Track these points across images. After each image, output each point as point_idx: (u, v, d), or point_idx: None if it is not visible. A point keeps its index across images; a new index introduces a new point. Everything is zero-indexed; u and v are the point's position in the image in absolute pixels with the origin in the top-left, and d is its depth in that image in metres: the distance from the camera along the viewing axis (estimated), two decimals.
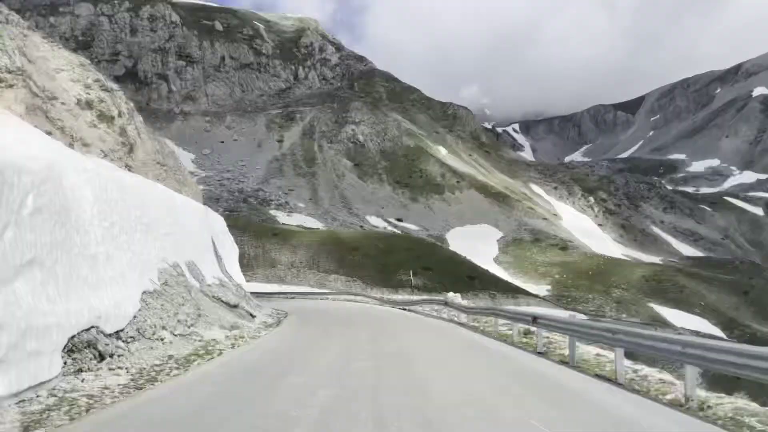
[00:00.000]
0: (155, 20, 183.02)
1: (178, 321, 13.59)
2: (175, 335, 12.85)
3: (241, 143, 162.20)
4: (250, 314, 21.37)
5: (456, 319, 26.60)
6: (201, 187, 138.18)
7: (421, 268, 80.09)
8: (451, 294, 32.25)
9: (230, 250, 30.16)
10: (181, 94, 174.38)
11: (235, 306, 20.20)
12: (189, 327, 14.03)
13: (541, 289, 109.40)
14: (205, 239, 22.13)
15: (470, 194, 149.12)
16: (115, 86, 19.94)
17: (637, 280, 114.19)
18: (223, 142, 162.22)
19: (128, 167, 17.40)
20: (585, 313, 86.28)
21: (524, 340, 16.03)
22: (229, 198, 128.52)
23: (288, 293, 59.02)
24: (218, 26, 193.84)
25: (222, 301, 19.27)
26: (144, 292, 12.71)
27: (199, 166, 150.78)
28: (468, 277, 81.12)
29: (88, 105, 16.49)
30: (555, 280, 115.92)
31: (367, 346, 14.44)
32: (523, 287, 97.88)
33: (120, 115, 18.55)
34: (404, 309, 36.62)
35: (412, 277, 58.18)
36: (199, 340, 13.58)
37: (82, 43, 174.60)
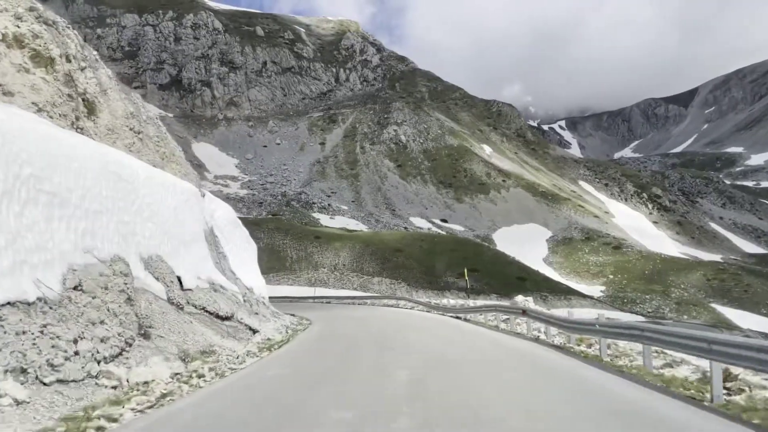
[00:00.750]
0: (198, 28, 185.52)
1: (77, 353, 8.19)
2: (47, 383, 7.47)
3: (283, 147, 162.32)
4: (250, 328, 16.97)
5: (541, 336, 18.44)
6: (244, 191, 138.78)
7: (467, 269, 77.04)
8: (520, 297, 25.72)
9: (242, 247, 24.66)
10: (224, 100, 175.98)
11: (227, 318, 15.81)
12: (104, 361, 8.77)
13: (595, 289, 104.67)
14: (191, 229, 16.93)
15: (517, 193, 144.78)
16: (61, 19, 15.33)
17: (698, 279, 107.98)
18: (265, 146, 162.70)
19: (80, 130, 13.38)
20: (643, 315, 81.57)
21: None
22: (273, 202, 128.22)
23: (324, 298, 56.20)
24: (260, 32, 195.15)
25: (207, 311, 14.83)
26: (7, 304, 7.59)
27: (242, 170, 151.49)
28: (518, 279, 77.64)
29: (17, 42, 12.46)
30: (609, 280, 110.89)
31: (406, 405, 7.70)
32: (576, 288, 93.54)
33: (68, 59, 13.89)
34: (459, 317, 29.28)
35: (467, 278, 51.02)
36: (102, 389, 8.20)
37: (128, 53, 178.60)
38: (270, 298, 54.19)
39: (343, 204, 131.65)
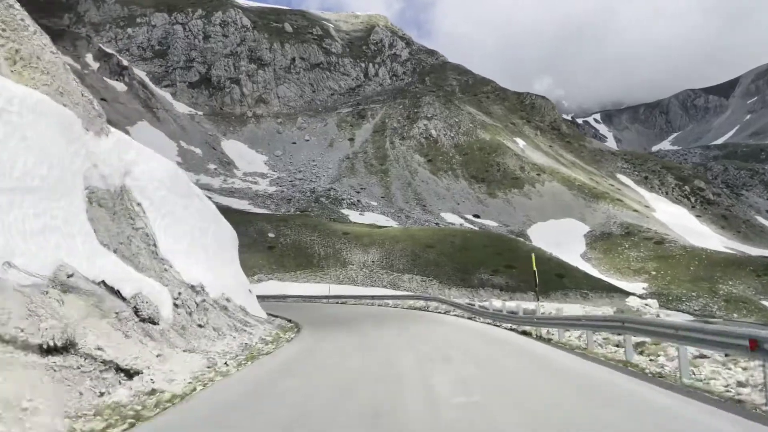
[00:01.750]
0: (227, 25, 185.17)
1: None
2: None
3: (312, 143, 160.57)
4: (119, 368, 8.61)
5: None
6: (273, 188, 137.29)
7: (503, 266, 73.56)
8: (635, 300, 19.15)
9: (194, 226, 16.93)
10: (252, 97, 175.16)
11: (58, 350, 7.79)
12: None
13: (636, 286, 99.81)
14: (38, 173, 9.78)
15: (552, 187, 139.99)
16: None
17: (747, 275, 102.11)
18: (294, 143, 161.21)
19: None
20: (690, 314, 76.81)
21: None
22: (301, 198, 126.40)
23: (340, 298, 48.65)
24: (288, 28, 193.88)
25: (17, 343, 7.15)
26: None
27: (271, 167, 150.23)
28: (556, 276, 73.78)
29: None
30: (651, 277, 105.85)
31: None
32: (617, 285, 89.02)
33: None
34: (525, 332, 19.42)
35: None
36: None
37: (158, 52, 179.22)
38: (278, 298, 50.50)
39: (372, 200, 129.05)
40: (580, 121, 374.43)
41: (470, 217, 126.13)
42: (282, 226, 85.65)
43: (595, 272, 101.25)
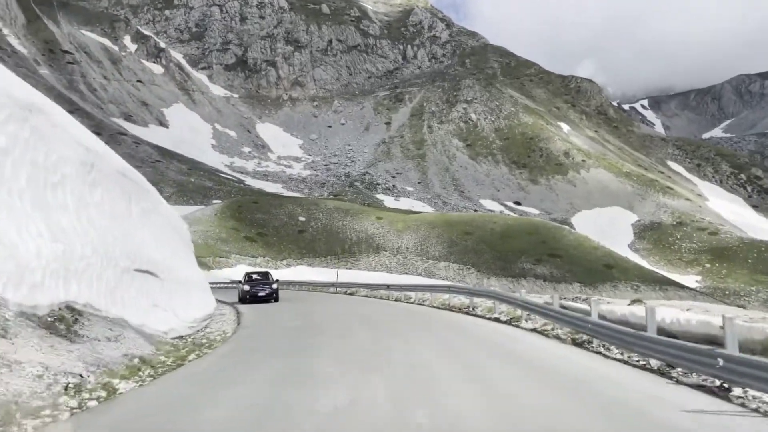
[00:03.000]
0: (264, 7, 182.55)
1: None
2: None
3: (348, 127, 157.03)
4: None
5: None
6: (307, 172, 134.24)
7: (546, 254, 68.57)
8: None
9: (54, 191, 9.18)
10: (289, 80, 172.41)
11: None
12: None
13: (689, 279, 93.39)
14: None
15: (598, 174, 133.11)
16: None
17: None
18: (330, 126, 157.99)
19: None
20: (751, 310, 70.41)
21: None
22: (336, 182, 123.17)
23: (352, 286, 35.61)
24: (325, 9, 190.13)
25: None
26: None
27: (306, 151, 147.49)
28: (604, 266, 68.41)
29: None
30: (705, 269, 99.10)
31: None
32: (668, 277, 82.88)
33: None
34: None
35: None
36: None
37: (195, 35, 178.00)
38: (292, 282, 44.43)
39: (408, 185, 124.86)
40: (626, 107, 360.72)
41: (510, 204, 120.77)
42: (313, 210, 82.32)
43: (644, 264, 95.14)
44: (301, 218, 79.59)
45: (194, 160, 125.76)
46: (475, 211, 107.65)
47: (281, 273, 63.86)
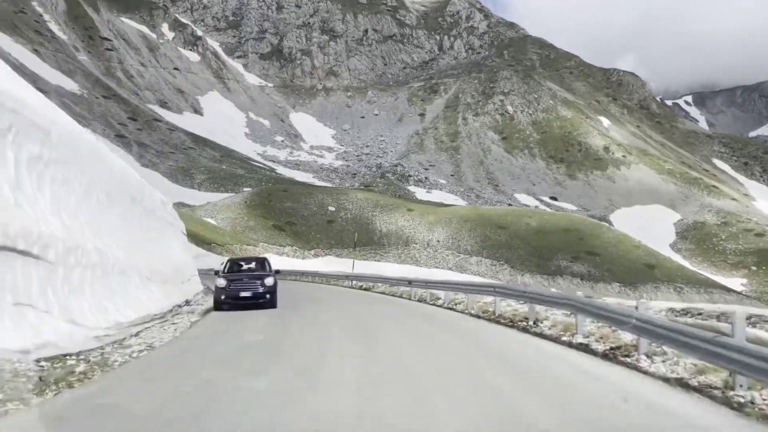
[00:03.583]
0: None
1: None
2: None
3: (381, 118, 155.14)
4: None
5: None
6: (339, 162, 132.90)
7: (584, 252, 65.62)
8: None
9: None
10: (323, 70, 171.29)
11: None
12: None
13: (734, 282, 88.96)
14: None
15: (639, 170, 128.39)
16: None
17: None
18: (363, 117, 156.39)
19: None
20: None
21: None
22: (367, 173, 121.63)
23: (367, 279, 28.85)
24: None
25: None
26: None
27: (338, 141, 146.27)
28: (645, 266, 65.11)
29: None
30: (752, 272, 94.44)
31: None
32: (713, 280, 78.83)
33: None
34: None
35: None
36: None
37: (232, 23, 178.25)
38: (302, 273, 37.74)
39: (441, 178, 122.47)
40: (669, 103, 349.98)
41: (546, 199, 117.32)
42: (343, 200, 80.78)
43: (686, 264, 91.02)
44: (331, 208, 78.15)
45: (227, 147, 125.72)
46: (510, 205, 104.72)
47: (308, 263, 62.47)
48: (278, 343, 9.57)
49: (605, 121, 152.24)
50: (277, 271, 15.96)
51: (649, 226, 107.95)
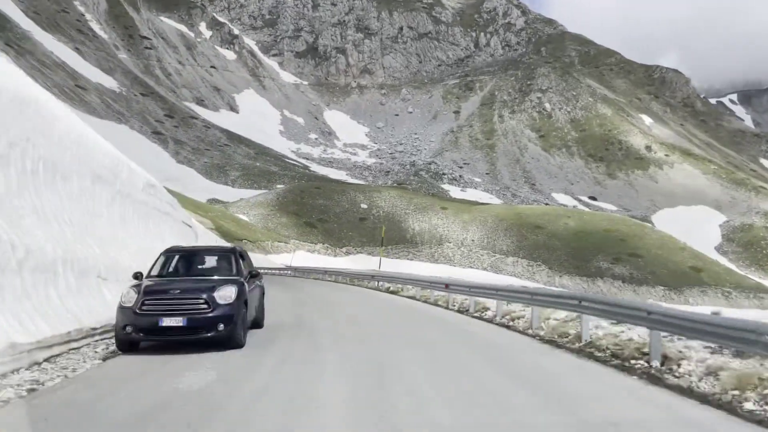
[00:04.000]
0: None
1: None
2: None
3: (415, 115, 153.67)
4: None
5: None
6: (372, 160, 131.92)
7: (626, 254, 63.06)
8: None
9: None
10: (358, 68, 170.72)
11: None
12: None
13: None
14: None
15: (683, 170, 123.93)
16: None
17: None
18: (397, 114, 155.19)
19: None
20: None
21: None
22: (400, 171, 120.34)
23: (392, 279, 24.13)
24: None
25: None
26: None
27: (372, 139, 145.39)
28: (691, 269, 62.18)
29: None
30: None
31: None
32: (763, 284, 75.02)
33: None
34: None
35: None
36: None
37: (268, 22, 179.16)
38: (326, 271, 31.85)
39: (476, 176, 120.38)
40: (713, 101, 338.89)
41: (585, 198, 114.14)
42: (376, 198, 79.66)
43: (733, 268, 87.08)
44: (363, 206, 77.15)
45: (261, 145, 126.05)
46: (547, 204, 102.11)
47: (339, 261, 61.54)
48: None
49: (647, 120, 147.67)
50: (255, 275, 9.21)
51: (693, 228, 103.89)
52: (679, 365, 6.34)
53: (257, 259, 51.76)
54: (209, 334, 7.43)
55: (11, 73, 8.79)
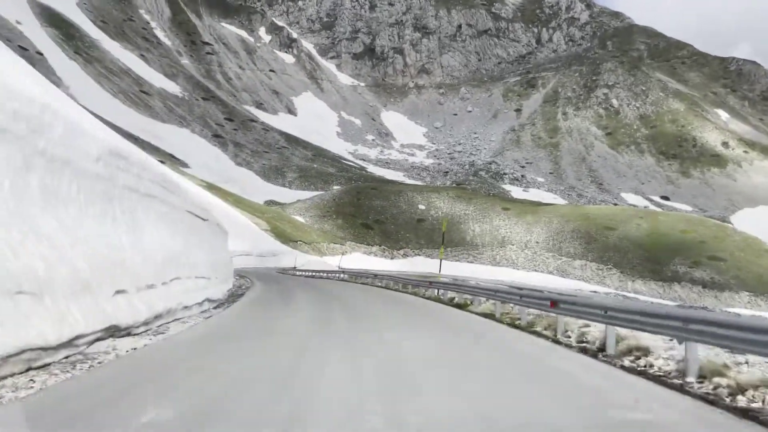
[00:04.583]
0: None
1: None
2: None
3: (474, 114, 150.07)
4: None
5: None
6: (430, 161, 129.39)
7: (706, 257, 58.12)
8: None
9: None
10: (415, 68, 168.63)
11: None
12: None
13: None
14: None
15: (764, 167, 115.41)
16: None
17: None
18: (456, 114, 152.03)
19: None
20: None
21: None
22: (459, 171, 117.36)
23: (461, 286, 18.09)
24: None
25: None
26: None
27: (430, 139, 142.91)
28: None
29: None
30: None
31: None
32: None
33: None
34: None
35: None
36: None
37: (326, 24, 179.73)
38: (365, 274, 27.31)
39: (539, 176, 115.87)
40: None
41: (657, 198, 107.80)
42: (434, 198, 77.19)
43: None
44: (421, 206, 74.86)
45: (319, 147, 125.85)
46: (616, 205, 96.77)
47: (396, 264, 59.48)
48: None
49: (723, 114, 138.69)
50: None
51: None
52: None
53: (312, 261, 50.35)
54: None
55: None
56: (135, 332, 6.57)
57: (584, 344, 8.27)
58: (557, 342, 8.60)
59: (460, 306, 14.61)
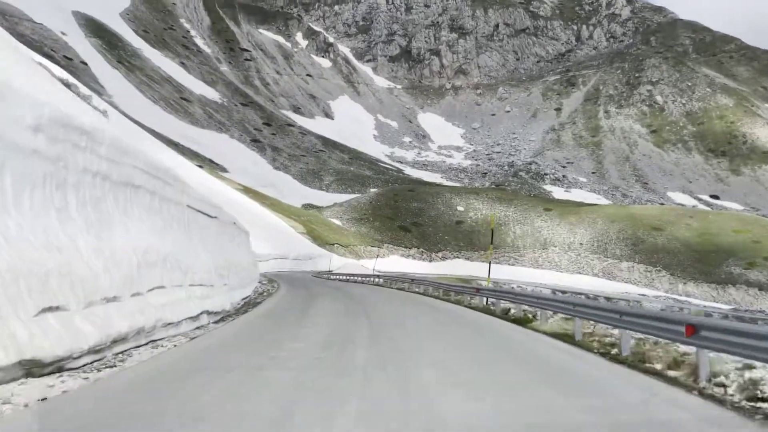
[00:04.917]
0: None
1: None
2: None
3: (513, 115, 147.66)
4: None
5: None
6: (468, 162, 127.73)
7: (762, 257, 55.23)
8: None
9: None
10: (452, 69, 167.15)
11: None
12: None
13: None
14: None
15: None
16: None
17: None
18: (494, 114, 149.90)
19: None
20: None
21: None
22: (498, 172, 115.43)
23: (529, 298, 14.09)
24: None
25: None
26: None
27: (467, 140, 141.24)
28: None
29: None
30: None
31: None
32: None
33: None
34: None
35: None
36: None
37: (362, 28, 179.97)
38: (387, 276, 27.33)
39: (581, 176, 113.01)
40: None
41: (706, 197, 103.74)
42: (473, 200, 75.79)
43: None
44: (460, 208, 73.56)
45: (356, 150, 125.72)
46: (662, 204, 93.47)
47: (435, 266, 58.39)
48: None
49: None
50: None
51: None
52: None
53: (349, 264, 49.66)
54: None
55: None
56: (71, 365, 4.77)
57: (763, 404, 4.68)
58: (703, 394, 5.20)
59: (520, 321, 11.85)
